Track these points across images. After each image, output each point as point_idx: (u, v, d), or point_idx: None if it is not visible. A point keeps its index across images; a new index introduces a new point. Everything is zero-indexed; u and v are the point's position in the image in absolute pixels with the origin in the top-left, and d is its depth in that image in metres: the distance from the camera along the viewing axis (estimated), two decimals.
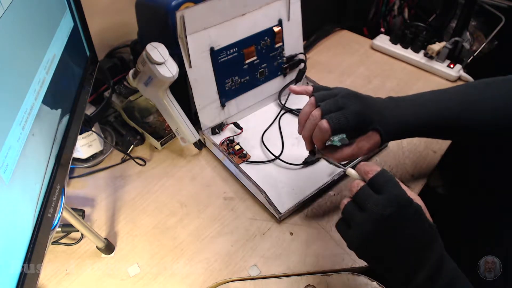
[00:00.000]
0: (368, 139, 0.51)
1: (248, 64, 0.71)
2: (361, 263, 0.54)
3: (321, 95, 0.51)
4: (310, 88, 0.53)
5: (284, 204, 0.60)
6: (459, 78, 0.86)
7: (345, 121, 0.48)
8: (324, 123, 0.47)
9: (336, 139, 0.69)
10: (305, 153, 0.67)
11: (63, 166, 0.45)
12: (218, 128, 0.72)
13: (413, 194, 0.41)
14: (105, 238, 0.55)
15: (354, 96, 0.51)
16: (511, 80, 0.54)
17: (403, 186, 0.41)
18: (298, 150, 0.69)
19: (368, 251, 0.42)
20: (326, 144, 0.53)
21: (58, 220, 0.43)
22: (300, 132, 0.53)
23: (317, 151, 0.54)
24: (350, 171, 0.46)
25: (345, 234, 0.43)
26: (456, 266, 0.40)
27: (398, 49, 0.93)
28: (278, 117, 0.75)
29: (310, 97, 0.52)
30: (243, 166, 0.65)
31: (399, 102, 0.53)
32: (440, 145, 0.71)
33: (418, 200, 0.41)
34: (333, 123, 0.47)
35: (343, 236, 0.44)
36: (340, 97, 0.49)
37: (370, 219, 0.39)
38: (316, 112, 0.49)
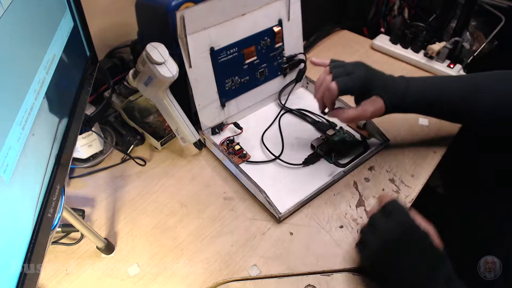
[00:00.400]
0: (372, 102, 0.57)
1: (248, 64, 0.71)
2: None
3: (335, 64, 0.59)
4: (327, 61, 0.61)
5: (284, 204, 0.60)
6: None
7: (352, 83, 0.56)
8: (333, 84, 0.55)
9: (336, 139, 0.70)
10: (305, 153, 0.68)
11: (63, 166, 0.45)
12: (218, 128, 0.72)
13: (423, 221, 0.45)
14: (105, 238, 0.55)
15: (363, 65, 0.58)
16: None
17: (414, 214, 0.46)
18: (298, 150, 0.69)
19: (378, 270, 0.47)
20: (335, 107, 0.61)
21: (58, 220, 0.43)
22: (315, 95, 0.61)
23: (327, 112, 0.62)
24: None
25: (361, 252, 0.49)
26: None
27: (398, 49, 0.93)
28: (278, 117, 0.75)
29: (326, 67, 0.59)
30: (243, 166, 0.65)
31: (408, 79, 0.60)
32: (440, 145, 0.71)
33: (428, 226, 0.45)
34: (341, 84, 0.55)
35: (359, 254, 0.50)
36: (349, 65, 0.58)
37: (379, 240, 0.45)
38: (328, 77, 0.57)
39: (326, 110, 0.62)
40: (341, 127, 0.73)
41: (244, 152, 0.68)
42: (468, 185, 0.88)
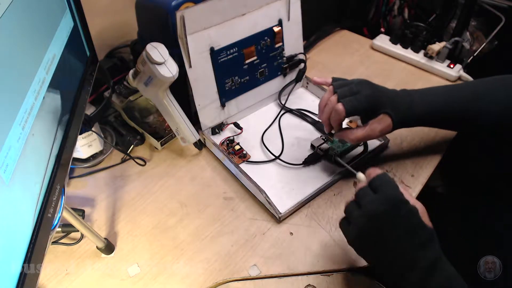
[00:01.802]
0: (380, 121, 0.56)
1: (248, 64, 0.71)
2: (361, 263, 0.54)
3: (338, 84, 0.57)
4: (329, 79, 0.60)
5: (284, 204, 0.60)
6: (459, 78, 0.86)
7: (358, 103, 0.54)
8: (340, 105, 0.54)
9: (336, 139, 0.70)
10: (305, 153, 0.68)
11: (63, 166, 0.45)
12: (218, 128, 0.72)
13: (411, 197, 0.43)
14: (105, 238, 0.55)
15: (367, 83, 0.57)
16: None
17: (403, 189, 0.43)
18: (298, 150, 0.69)
19: (363, 247, 0.45)
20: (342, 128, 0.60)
21: (58, 220, 0.43)
22: (320, 117, 0.59)
23: (335, 133, 0.60)
24: (360, 175, 0.49)
25: (345, 230, 0.46)
26: (454, 272, 0.41)
27: (398, 49, 0.93)
28: (278, 117, 0.75)
29: (329, 86, 0.58)
30: (243, 166, 0.65)
31: (411, 92, 0.59)
32: (440, 145, 0.71)
33: (417, 204, 0.43)
34: (347, 106, 0.54)
35: (344, 232, 0.47)
36: (354, 84, 0.56)
37: (365, 215, 0.42)
38: (333, 97, 0.55)
39: (333, 131, 0.61)
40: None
41: (244, 152, 0.68)
42: (468, 185, 0.88)
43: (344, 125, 0.62)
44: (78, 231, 0.54)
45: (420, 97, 0.58)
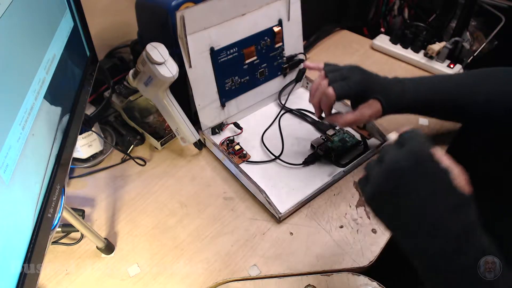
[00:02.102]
0: (369, 106, 0.58)
1: (248, 64, 0.71)
2: (361, 263, 0.54)
3: (330, 68, 0.58)
4: (321, 65, 0.60)
5: (284, 204, 0.60)
6: None
7: (348, 88, 0.55)
8: (330, 89, 0.55)
9: (336, 139, 0.70)
10: (305, 153, 0.68)
11: (63, 166, 0.45)
12: (218, 128, 0.72)
13: (447, 159, 0.37)
14: (105, 238, 0.55)
15: (359, 69, 0.58)
16: (508, 70, 0.59)
17: (438, 149, 0.37)
18: (298, 150, 0.69)
19: (380, 208, 0.38)
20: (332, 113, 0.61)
21: (58, 220, 0.43)
22: (310, 100, 0.61)
23: (325, 117, 0.61)
24: (391, 135, 0.41)
25: (363, 188, 0.39)
26: (491, 247, 0.34)
27: (398, 49, 0.93)
28: (278, 117, 0.75)
29: (321, 71, 0.59)
30: (243, 166, 0.65)
31: (403, 79, 0.60)
32: (440, 145, 0.71)
33: (454, 167, 0.37)
34: (338, 90, 0.55)
35: (361, 191, 0.40)
36: (346, 70, 0.57)
37: (386, 171, 0.36)
38: (324, 82, 0.57)
39: (323, 114, 0.62)
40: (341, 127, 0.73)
41: (244, 152, 0.68)
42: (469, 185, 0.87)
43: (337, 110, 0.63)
44: (78, 231, 0.54)
45: (412, 84, 0.59)
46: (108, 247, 0.55)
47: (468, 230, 0.34)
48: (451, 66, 0.86)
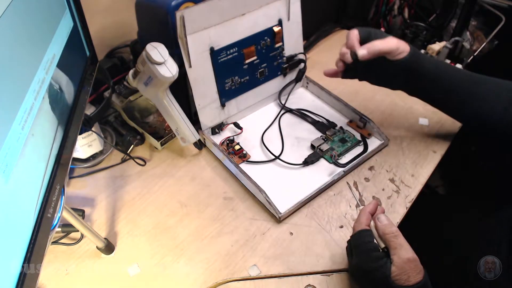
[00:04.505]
0: (384, 40, 0.59)
1: (248, 64, 0.71)
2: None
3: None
4: (339, 69, 0.65)
5: (284, 204, 0.59)
6: None
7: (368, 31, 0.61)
8: (355, 30, 0.61)
9: (336, 139, 0.70)
10: (305, 153, 0.68)
11: (63, 166, 0.45)
12: (218, 128, 0.72)
13: (393, 251, 0.45)
14: (105, 238, 0.55)
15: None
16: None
17: (385, 240, 0.46)
18: (298, 150, 0.69)
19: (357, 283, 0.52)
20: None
21: (58, 220, 0.43)
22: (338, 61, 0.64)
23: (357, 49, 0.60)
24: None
25: (348, 256, 0.52)
26: None
27: None
28: (278, 117, 0.75)
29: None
30: (243, 166, 0.65)
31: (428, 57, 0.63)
32: (440, 145, 0.71)
33: (396, 259, 0.44)
34: (361, 30, 0.60)
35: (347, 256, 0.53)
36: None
37: (351, 268, 0.52)
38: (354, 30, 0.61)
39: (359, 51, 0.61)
40: (341, 127, 0.73)
41: (244, 152, 0.68)
42: (469, 185, 0.88)
43: None
44: (78, 231, 0.54)
45: (432, 61, 0.61)
46: (108, 247, 0.55)
47: None
48: None
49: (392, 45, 0.58)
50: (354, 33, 0.60)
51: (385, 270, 0.44)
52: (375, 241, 0.47)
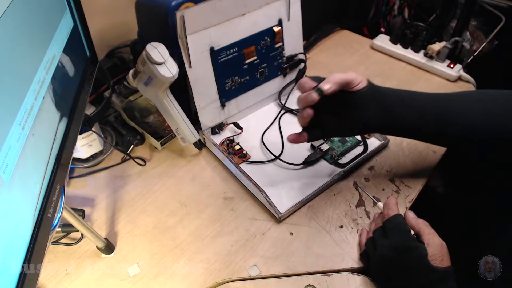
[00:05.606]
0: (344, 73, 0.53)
1: (248, 64, 0.71)
2: (361, 263, 0.54)
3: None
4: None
5: (284, 204, 0.60)
6: (459, 78, 0.86)
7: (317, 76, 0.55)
8: (305, 77, 0.55)
9: (336, 139, 0.70)
10: (305, 153, 0.68)
11: (63, 166, 0.45)
12: (218, 128, 0.72)
13: (429, 235, 0.48)
14: (105, 238, 0.55)
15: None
16: (507, 94, 0.54)
17: (420, 227, 0.49)
18: (298, 150, 0.69)
19: (378, 279, 0.51)
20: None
21: (58, 220, 0.43)
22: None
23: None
24: (379, 205, 0.58)
25: (365, 263, 0.53)
26: None
27: (398, 49, 0.93)
28: (278, 117, 0.75)
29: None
30: (243, 166, 0.65)
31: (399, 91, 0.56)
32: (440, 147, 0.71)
33: (433, 242, 0.47)
34: (310, 77, 0.55)
35: (369, 253, 0.53)
36: None
37: (378, 257, 0.49)
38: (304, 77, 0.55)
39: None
40: None
41: (244, 152, 0.68)
42: (468, 185, 0.88)
43: None
44: (78, 231, 0.54)
45: (392, 89, 0.56)
46: (108, 247, 0.55)
47: None
48: (451, 66, 0.86)
49: (351, 74, 0.53)
50: (307, 79, 0.54)
51: (422, 250, 0.46)
52: None
